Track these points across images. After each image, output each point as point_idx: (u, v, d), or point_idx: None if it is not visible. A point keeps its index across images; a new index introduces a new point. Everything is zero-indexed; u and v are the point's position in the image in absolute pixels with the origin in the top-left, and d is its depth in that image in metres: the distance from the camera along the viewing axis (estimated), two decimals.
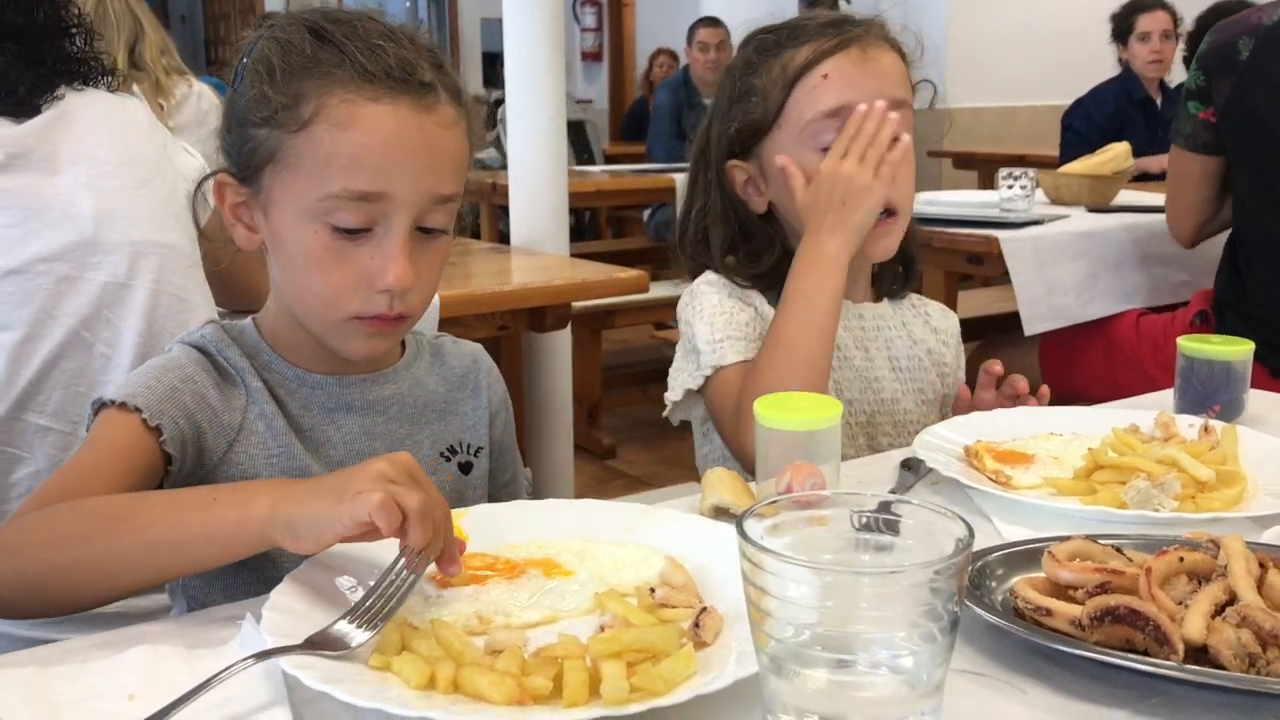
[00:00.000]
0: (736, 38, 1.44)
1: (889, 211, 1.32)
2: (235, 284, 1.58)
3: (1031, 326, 2.67)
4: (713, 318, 1.36)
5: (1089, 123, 4.29)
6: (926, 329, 1.48)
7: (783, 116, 1.32)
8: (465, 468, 1.17)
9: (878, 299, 1.47)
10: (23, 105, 1.36)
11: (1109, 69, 4.53)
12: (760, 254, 1.40)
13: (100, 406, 1.00)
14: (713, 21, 5.93)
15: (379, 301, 1.00)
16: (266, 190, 1.01)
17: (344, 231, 0.98)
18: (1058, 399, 1.30)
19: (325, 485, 0.83)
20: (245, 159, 1.01)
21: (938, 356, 1.46)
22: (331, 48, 0.98)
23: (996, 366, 1.35)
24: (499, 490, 1.23)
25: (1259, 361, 1.42)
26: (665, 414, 1.43)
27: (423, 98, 0.98)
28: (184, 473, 1.00)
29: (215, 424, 1.03)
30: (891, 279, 1.48)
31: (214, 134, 1.07)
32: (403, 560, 0.82)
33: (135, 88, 2.25)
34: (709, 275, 1.41)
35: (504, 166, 5.79)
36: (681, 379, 1.37)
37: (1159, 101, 4.39)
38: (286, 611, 0.79)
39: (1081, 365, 2.73)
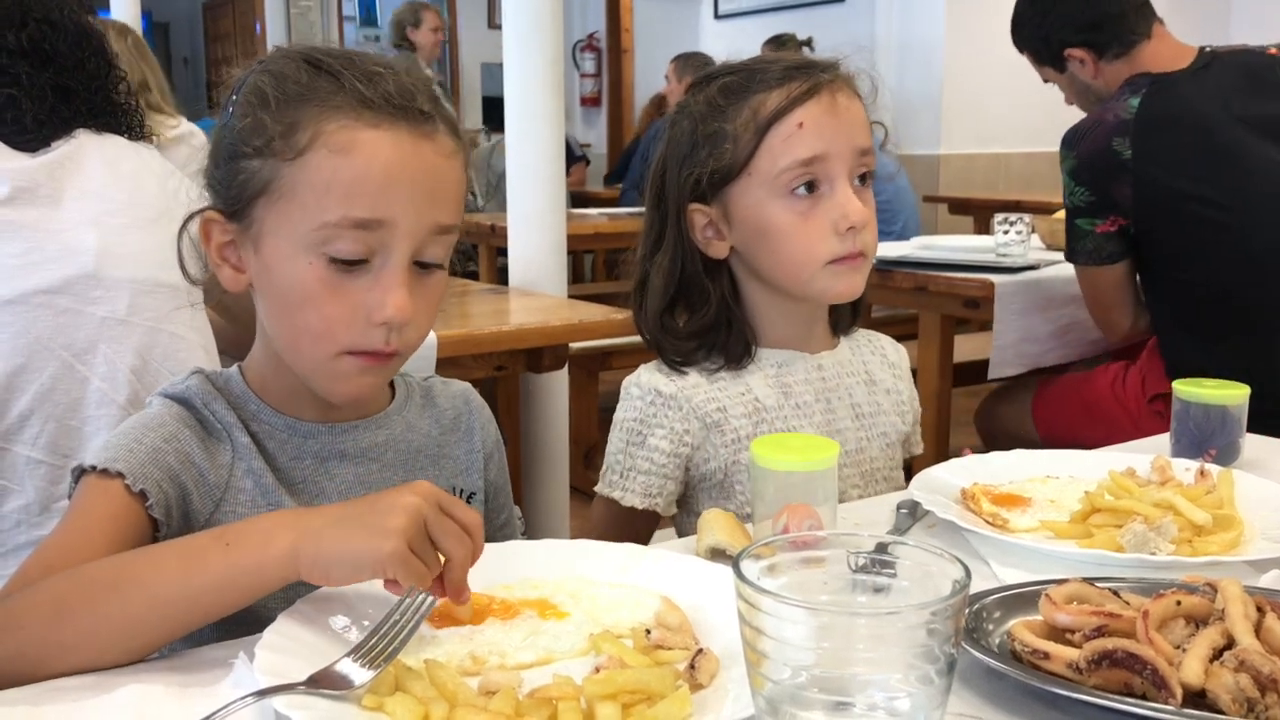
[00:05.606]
0: None
1: (860, 252, 1.28)
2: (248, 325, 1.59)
3: (997, 371, 2.70)
4: (628, 436, 1.33)
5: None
6: (884, 366, 1.45)
7: (753, 163, 1.27)
8: None
9: (833, 339, 1.43)
10: (27, 134, 1.38)
11: None
12: (695, 310, 1.35)
13: (81, 473, 0.96)
14: None
15: (375, 336, 0.97)
16: (258, 223, 0.98)
17: (341, 263, 0.95)
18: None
19: (353, 517, 0.82)
20: (235, 192, 0.98)
21: (896, 395, 1.44)
22: (328, 76, 0.96)
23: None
24: (495, 533, 1.21)
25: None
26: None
27: (421, 125, 0.96)
28: (171, 535, 0.96)
29: (201, 484, 0.99)
30: (841, 314, 1.44)
31: (200, 174, 1.05)
32: (408, 600, 0.82)
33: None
34: (641, 374, 1.36)
35: (480, 209, 5.80)
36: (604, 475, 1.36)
37: None
38: (280, 650, 0.78)
39: (1070, 419, 2.71)
